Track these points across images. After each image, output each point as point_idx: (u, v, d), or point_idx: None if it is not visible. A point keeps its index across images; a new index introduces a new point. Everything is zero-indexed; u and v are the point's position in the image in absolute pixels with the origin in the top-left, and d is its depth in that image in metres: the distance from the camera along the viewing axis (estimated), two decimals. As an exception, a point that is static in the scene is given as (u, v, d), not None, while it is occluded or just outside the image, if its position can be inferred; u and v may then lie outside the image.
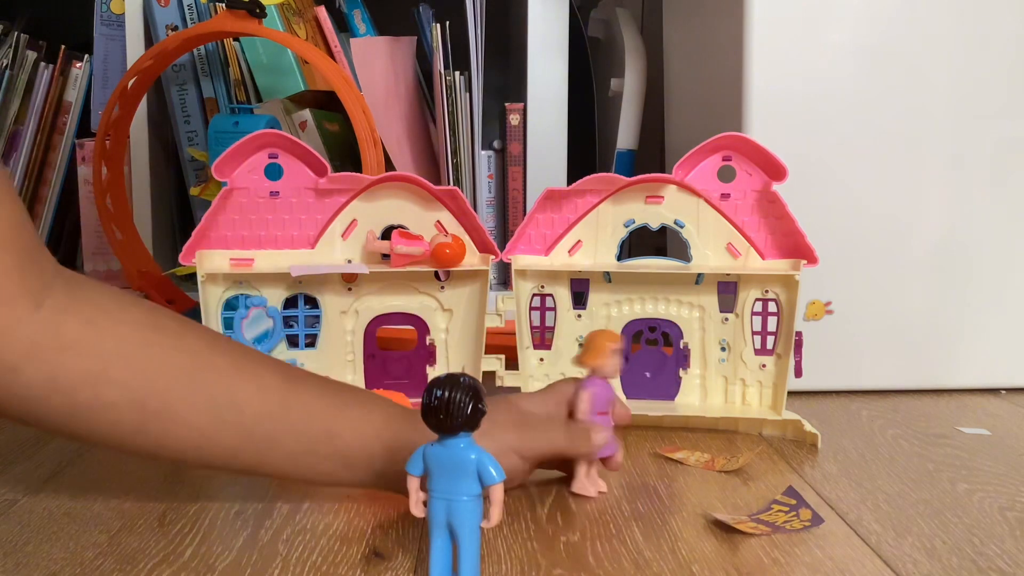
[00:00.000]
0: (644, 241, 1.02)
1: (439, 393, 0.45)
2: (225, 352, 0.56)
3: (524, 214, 1.09)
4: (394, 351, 0.80)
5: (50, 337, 0.50)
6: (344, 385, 0.61)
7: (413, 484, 0.48)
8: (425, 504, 0.47)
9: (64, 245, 1.31)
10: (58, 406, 0.51)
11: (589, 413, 0.63)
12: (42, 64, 1.20)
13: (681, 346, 0.81)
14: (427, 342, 0.79)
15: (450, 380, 0.46)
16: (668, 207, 0.78)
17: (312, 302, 0.78)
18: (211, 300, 0.76)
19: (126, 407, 0.52)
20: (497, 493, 0.46)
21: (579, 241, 0.80)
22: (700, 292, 0.80)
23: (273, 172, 0.76)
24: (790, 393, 0.79)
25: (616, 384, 0.78)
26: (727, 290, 0.80)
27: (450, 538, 0.47)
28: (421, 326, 0.79)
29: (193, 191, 1.13)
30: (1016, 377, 0.94)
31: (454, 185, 1.05)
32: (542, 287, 0.81)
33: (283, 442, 0.55)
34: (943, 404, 0.90)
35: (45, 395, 0.50)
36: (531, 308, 0.81)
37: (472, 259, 0.78)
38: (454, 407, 0.45)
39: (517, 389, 0.80)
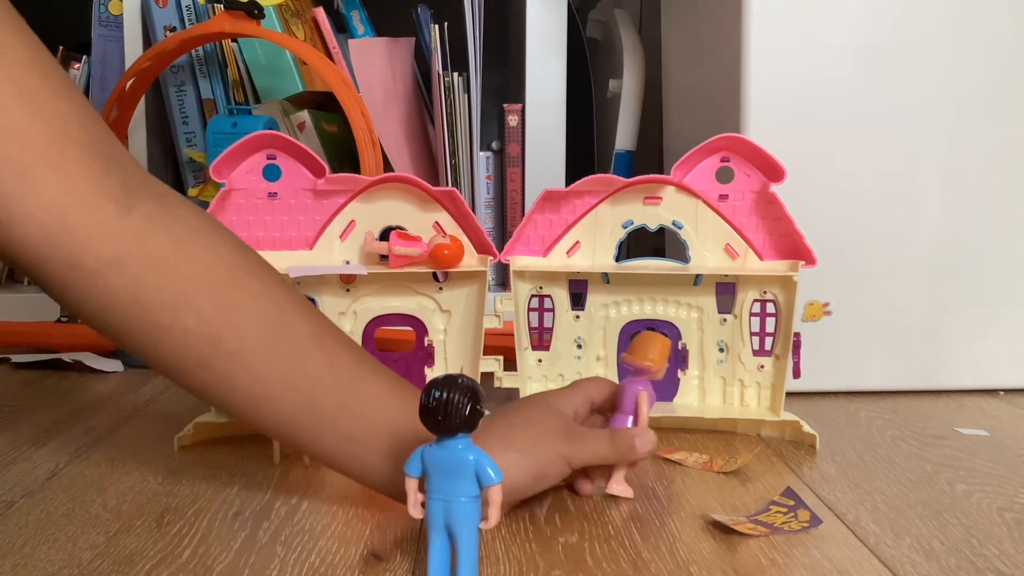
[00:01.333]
0: (642, 242, 1.02)
1: (437, 394, 0.45)
2: (308, 316, 0.55)
3: (522, 215, 1.09)
4: (392, 352, 0.80)
5: (137, 249, 0.49)
6: (407, 384, 0.59)
7: (411, 485, 0.48)
8: (423, 505, 0.47)
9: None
10: (134, 319, 0.50)
11: (646, 416, 0.63)
12: (40, 65, 1.19)
13: (679, 347, 0.81)
14: (425, 343, 0.79)
15: (448, 381, 0.46)
16: (666, 208, 0.78)
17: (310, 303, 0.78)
18: (209, 301, 0.76)
19: (200, 338, 0.51)
20: (495, 495, 0.46)
21: (577, 242, 0.80)
22: (698, 293, 0.80)
23: (271, 173, 0.76)
24: (788, 394, 0.79)
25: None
26: (725, 291, 0.80)
27: (448, 539, 0.47)
28: (419, 327, 0.79)
29: (191, 192, 1.13)
30: (1015, 378, 0.94)
31: (452, 186, 1.05)
32: (540, 288, 0.81)
33: (342, 424, 0.54)
34: (941, 405, 0.90)
35: (123, 306, 0.50)
36: (529, 309, 0.81)
37: (470, 260, 0.78)
38: (452, 408, 0.45)
39: (516, 390, 0.80)
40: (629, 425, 0.63)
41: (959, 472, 0.70)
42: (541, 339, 0.81)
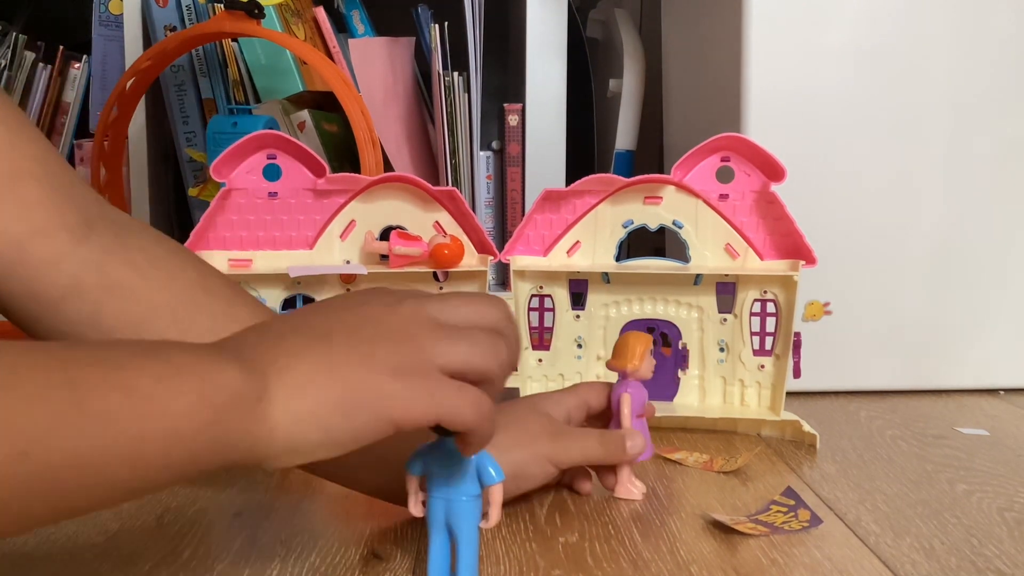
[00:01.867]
0: (643, 242, 1.02)
1: None
2: None
3: (523, 215, 1.09)
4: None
5: (95, 276, 0.50)
6: None
7: (412, 484, 0.48)
8: (424, 504, 0.47)
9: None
10: None
11: (631, 419, 0.63)
12: (40, 64, 1.19)
13: (680, 347, 0.81)
14: (426, 343, 0.79)
15: None
16: (667, 208, 0.78)
17: (310, 303, 0.78)
18: (209, 301, 0.76)
19: None
20: (496, 494, 0.46)
21: (577, 242, 0.80)
22: (699, 293, 0.80)
23: (272, 173, 0.76)
24: (789, 394, 0.79)
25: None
26: (726, 291, 0.80)
27: (448, 538, 0.47)
28: (420, 327, 0.79)
29: (192, 192, 1.13)
30: (1015, 377, 0.94)
31: (452, 186, 1.05)
32: (540, 288, 0.81)
33: None
34: (942, 405, 0.90)
35: (85, 333, 0.50)
36: (530, 309, 0.81)
37: (470, 260, 0.78)
38: None
39: (516, 390, 0.80)
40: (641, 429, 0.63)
41: (959, 472, 0.69)
42: (541, 339, 0.81)
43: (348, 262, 0.78)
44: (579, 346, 0.81)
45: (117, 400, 0.33)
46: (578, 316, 0.81)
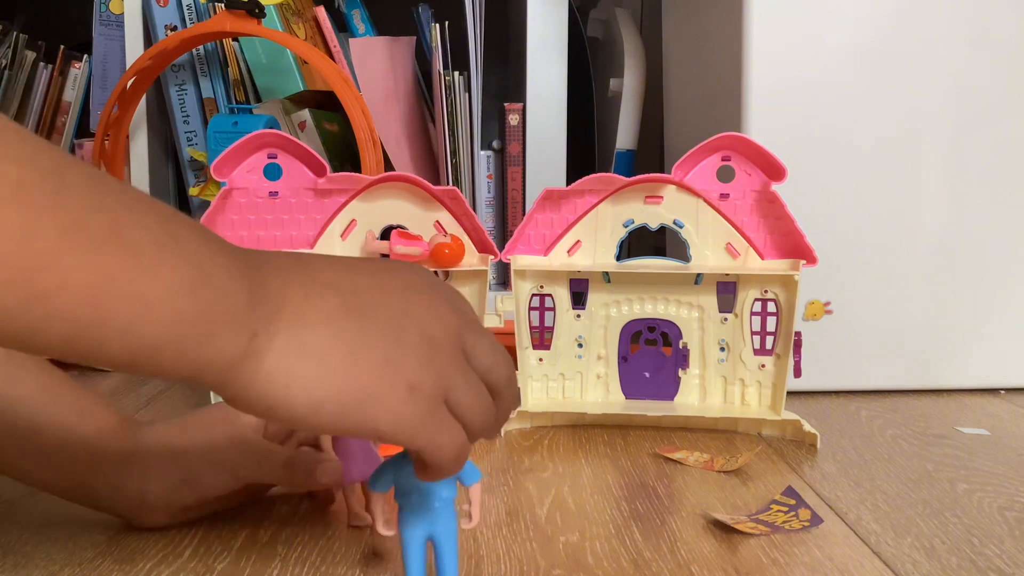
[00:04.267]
0: (643, 241, 1.02)
1: None
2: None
3: (523, 214, 1.09)
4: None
5: None
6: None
7: (379, 503, 0.47)
8: (389, 521, 0.47)
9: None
10: None
11: (327, 439, 0.58)
12: (41, 64, 1.19)
13: (680, 346, 0.81)
14: (426, 342, 0.79)
15: None
16: (667, 207, 0.78)
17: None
18: (210, 300, 0.76)
19: None
20: (478, 492, 0.46)
21: (578, 241, 0.80)
22: (699, 292, 0.80)
23: (272, 172, 0.76)
24: (789, 393, 0.79)
25: None
26: (726, 290, 0.80)
27: (425, 547, 0.46)
28: (420, 326, 0.79)
29: (192, 191, 1.13)
30: (1016, 377, 0.94)
31: (453, 185, 1.05)
32: (541, 287, 0.81)
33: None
34: (942, 404, 0.90)
35: None
36: (530, 308, 0.81)
37: (471, 259, 0.78)
38: None
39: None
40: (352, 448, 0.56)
41: (960, 471, 0.69)
42: (542, 338, 0.81)
43: (349, 261, 0.78)
44: (580, 345, 0.81)
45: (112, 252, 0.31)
46: (579, 315, 0.81)
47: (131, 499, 0.55)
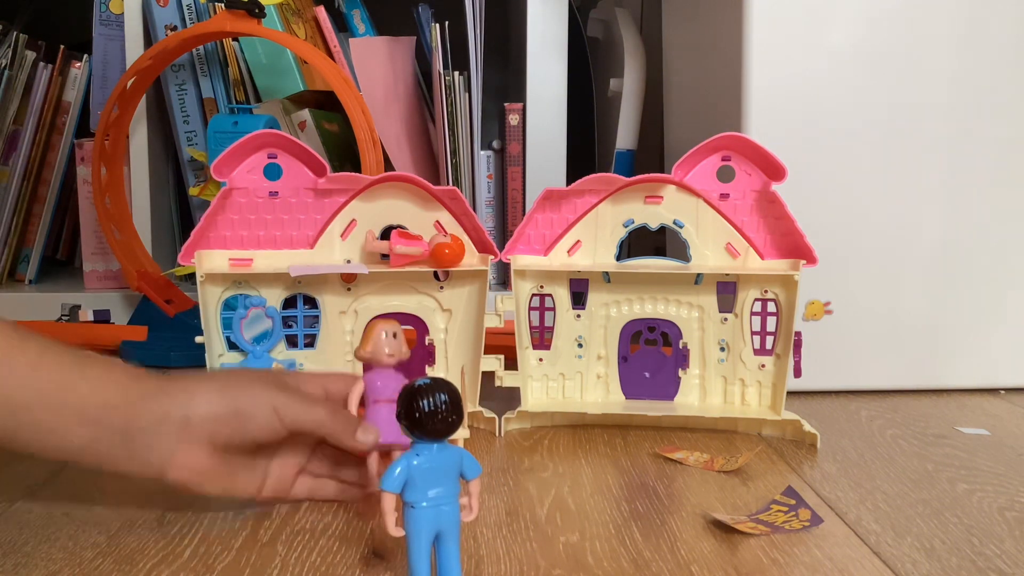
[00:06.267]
0: (643, 241, 1.02)
1: (425, 404, 0.45)
2: None
3: (523, 214, 1.09)
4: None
5: None
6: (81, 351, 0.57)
7: (390, 503, 0.47)
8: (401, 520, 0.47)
9: (63, 245, 1.31)
10: None
11: (355, 403, 0.59)
12: (41, 64, 1.20)
13: (680, 346, 0.81)
14: (426, 342, 0.79)
15: (431, 389, 0.46)
16: (667, 207, 0.78)
17: (311, 302, 0.78)
18: (210, 300, 0.76)
19: None
20: (478, 486, 0.48)
21: (578, 241, 0.80)
22: (699, 292, 0.80)
23: (272, 172, 0.76)
24: (789, 393, 0.79)
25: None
26: (726, 290, 0.80)
27: (431, 547, 0.46)
28: (420, 326, 0.79)
29: (192, 191, 1.13)
30: (1016, 377, 0.94)
31: (453, 185, 1.05)
32: (541, 287, 0.81)
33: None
34: (942, 404, 0.90)
35: None
36: (530, 308, 0.81)
37: (471, 259, 0.78)
38: (443, 415, 0.45)
39: (517, 389, 0.80)
40: (383, 415, 0.59)
41: (960, 471, 0.69)
42: (542, 338, 0.81)
43: (349, 261, 0.78)
44: (580, 345, 0.81)
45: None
46: (579, 315, 0.81)
47: (172, 430, 0.53)
